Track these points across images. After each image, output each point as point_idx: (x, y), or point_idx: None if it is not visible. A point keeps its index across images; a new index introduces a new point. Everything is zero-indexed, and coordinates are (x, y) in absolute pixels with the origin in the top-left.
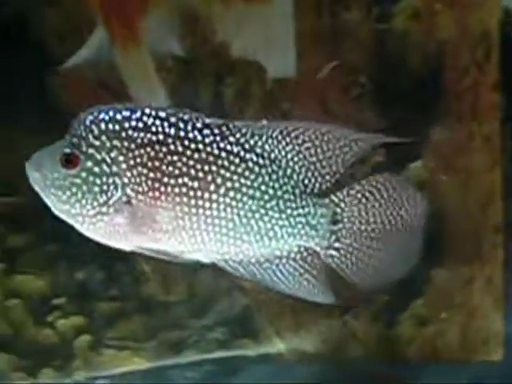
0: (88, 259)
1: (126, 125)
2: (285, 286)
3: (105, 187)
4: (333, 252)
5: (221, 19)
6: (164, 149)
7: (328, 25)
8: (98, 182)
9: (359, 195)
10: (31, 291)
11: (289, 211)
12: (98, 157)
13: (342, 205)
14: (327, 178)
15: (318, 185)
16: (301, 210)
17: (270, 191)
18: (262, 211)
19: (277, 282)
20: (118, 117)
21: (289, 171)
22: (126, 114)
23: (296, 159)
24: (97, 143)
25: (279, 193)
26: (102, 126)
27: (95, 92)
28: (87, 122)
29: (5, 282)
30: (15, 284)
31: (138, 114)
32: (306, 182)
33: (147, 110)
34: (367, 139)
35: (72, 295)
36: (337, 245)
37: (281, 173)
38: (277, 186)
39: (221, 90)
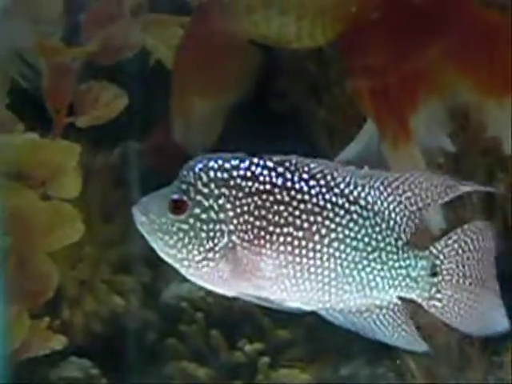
0: (355, 354)
1: (235, 173)
2: (383, 335)
3: (211, 234)
4: (435, 302)
5: (492, 115)
6: (271, 198)
7: None
8: (205, 228)
9: (456, 246)
10: None
11: (391, 263)
12: (206, 204)
13: (441, 256)
14: (421, 227)
15: (413, 235)
16: (402, 262)
17: (373, 243)
18: (365, 262)
19: (376, 331)
20: (227, 165)
21: (391, 223)
22: (235, 162)
23: (398, 210)
24: (205, 190)
25: (382, 245)
26: (211, 173)
27: None
28: (196, 170)
29: (270, 376)
30: (280, 377)
31: (247, 164)
32: (406, 231)
33: (255, 160)
34: (461, 187)
35: None
36: (438, 296)
37: (384, 225)
38: (380, 238)
39: (492, 187)
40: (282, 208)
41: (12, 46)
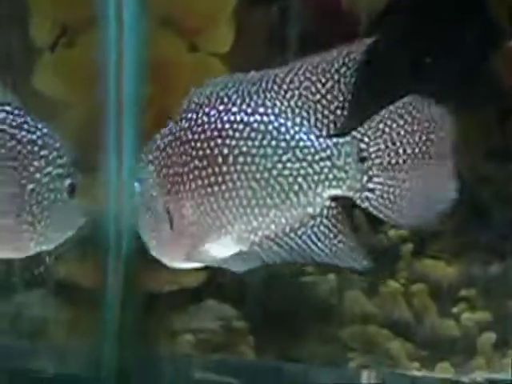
0: (508, 252)
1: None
2: (323, 252)
3: None
4: (368, 194)
5: None
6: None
7: None
8: None
9: (381, 125)
10: (439, 278)
11: (309, 158)
12: None
13: (366, 139)
14: (338, 111)
15: (332, 123)
16: (322, 154)
17: (283, 144)
18: (279, 166)
19: (314, 249)
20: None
21: (297, 119)
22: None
23: (300, 103)
24: None
25: (293, 143)
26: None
27: None
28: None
29: (412, 264)
30: (423, 268)
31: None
32: (319, 123)
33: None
34: (357, 48)
35: (482, 288)
36: (370, 185)
37: (289, 123)
38: (288, 137)
39: None
40: (186, 147)
41: None
